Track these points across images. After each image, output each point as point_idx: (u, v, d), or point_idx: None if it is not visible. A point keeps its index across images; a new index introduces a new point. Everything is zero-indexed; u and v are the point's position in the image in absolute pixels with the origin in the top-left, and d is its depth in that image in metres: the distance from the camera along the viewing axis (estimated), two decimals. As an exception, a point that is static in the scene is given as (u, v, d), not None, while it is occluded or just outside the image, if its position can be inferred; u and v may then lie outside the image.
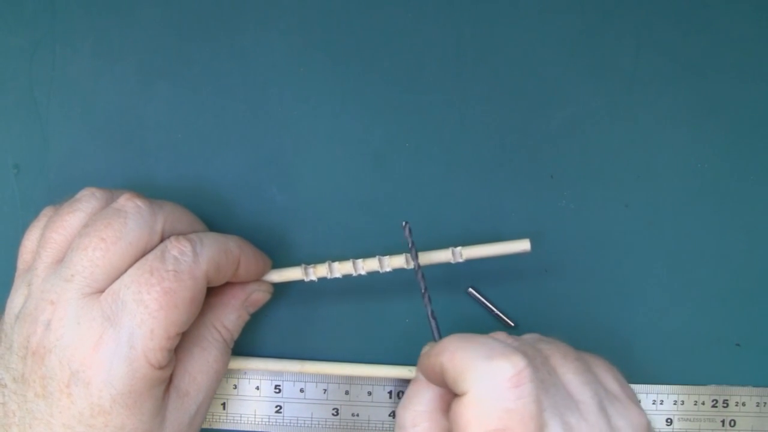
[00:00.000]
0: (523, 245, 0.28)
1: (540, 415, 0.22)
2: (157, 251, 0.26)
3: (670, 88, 0.33)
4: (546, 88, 0.33)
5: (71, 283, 0.25)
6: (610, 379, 0.26)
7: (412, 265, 0.29)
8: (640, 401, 0.28)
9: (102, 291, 0.25)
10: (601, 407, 0.24)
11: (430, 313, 0.27)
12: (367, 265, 0.29)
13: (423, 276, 0.28)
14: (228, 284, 0.29)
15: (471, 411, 0.22)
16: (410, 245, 0.28)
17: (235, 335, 0.30)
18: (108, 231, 0.25)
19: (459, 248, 0.29)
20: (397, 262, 0.29)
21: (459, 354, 0.23)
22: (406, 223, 0.28)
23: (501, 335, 0.26)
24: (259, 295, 0.30)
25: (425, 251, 0.29)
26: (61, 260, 0.26)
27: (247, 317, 0.30)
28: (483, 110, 0.33)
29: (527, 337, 0.27)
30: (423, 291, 0.28)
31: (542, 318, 0.33)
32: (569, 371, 0.25)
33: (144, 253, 0.26)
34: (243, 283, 0.30)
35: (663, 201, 0.33)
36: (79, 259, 0.25)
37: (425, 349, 0.26)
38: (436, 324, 0.27)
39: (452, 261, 0.29)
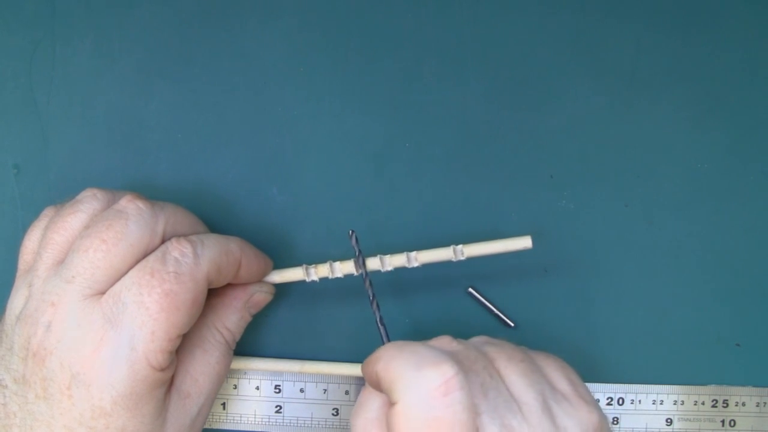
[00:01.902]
0: (524, 242, 0.28)
1: (471, 422, 0.22)
2: (158, 253, 0.26)
3: (670, 88, 0.33)
4: (546, 88, 0.33)
5: (72, 285, 0.25)
6: (559, 378, 0.26)
7: (413, 265, 0.29)
8: (597, 400, 0.28)
9: (103, 292, 0.25)
10: (545, 407, 0.24)
11: (378, 319, 0.28)
12: (368, 265, 0.29)
13: (371, 283, 0.28)
14: (229, 285, 0.29)
15: (402, 420, 0.22)
16: (357, 253, 0.29)
17: (237, 336, 0.30)
18: (109, 232, 0.25)
19: (460, 246, 0.29)
20: (397, 261, 0.29)
21: (392, 363, 0.23)
22: (353, 232, 0.29)
23: (444, 340, 0.26)
24: (260, 296, 0.30)
25: (426, 249, 0.29)
26: (62, 261, 0.26)
27: (249, 318, 0.30)
28: (483, 110, 0.33)
29: (475, 340, 0.27)
30: (371, 298, 0.28)
31: (542, 318, 0.33)
32: (513, 373, 0.25)
33: (145, 255, 0.26)
34: (244, 284, 0.30)
35: (663, 201, 0.33)
36: (80, 261, 0.25)
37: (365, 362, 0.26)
38: (385, 330, 0.28)
39: (453, 259, 0.29)
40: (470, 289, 0.33)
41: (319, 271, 0.30)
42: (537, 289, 0.33)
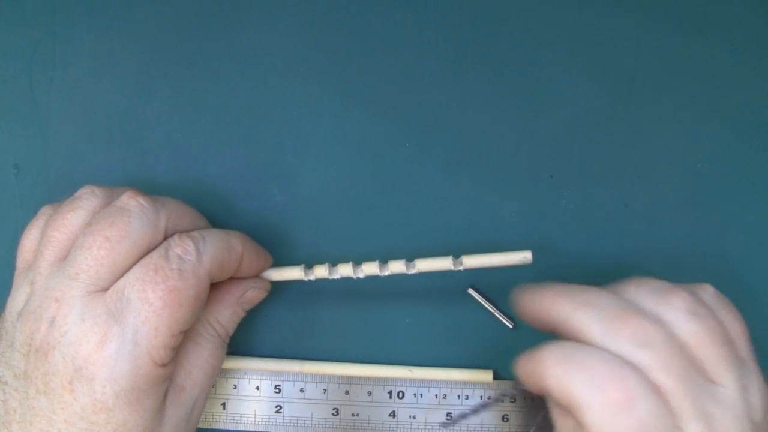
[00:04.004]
0: (524, 257, 0.28)
1: (664, 421, 0.22)
2: (161, 249, 0.26)
3: (670, 88, 0.33)
4: (546, 88, 0.33)
5: (76, 282, 0.25)
6: (743, 344, 0.25)
7: (412, 272, 0.29)
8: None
9: (106, 289, 0.25)
10: (742, 387, 0.23)
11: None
12: (366, 269, 0.29)
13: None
14: (225, 280, 0.29)
15: None
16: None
17: (230, 331, 0.30)
18: (112, 230, 0.25)
19: (460, 257, 0.29)
20: (396, 267, 0.29)
21: (567, 383, 0.23)
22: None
23: (637, 324, 0.23)
24: (254, 293, 0.30)
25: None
26: (63, 258, 0.26)
27: (242, 314, 0.30)
28: (483, 110, 0.33)
29: (678, 304, 0.24)
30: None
31: (542, 318, 0.33)
32: (716, 360, 0.23)
33: (148, 251, 0.26)
34: (240, 279, 0.30)
35: (663, 201, 0.33)
36: (84, 258, 0.25)
37: (522, 363, 0.25)
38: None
39: (452, 268, 0.29)
40: (470, 289, 0.33)
41: (317, 272, 0.30)
42: (537, 289, 0.33)
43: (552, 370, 0.23)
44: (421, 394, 0.33)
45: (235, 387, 0.33)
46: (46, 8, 0.34)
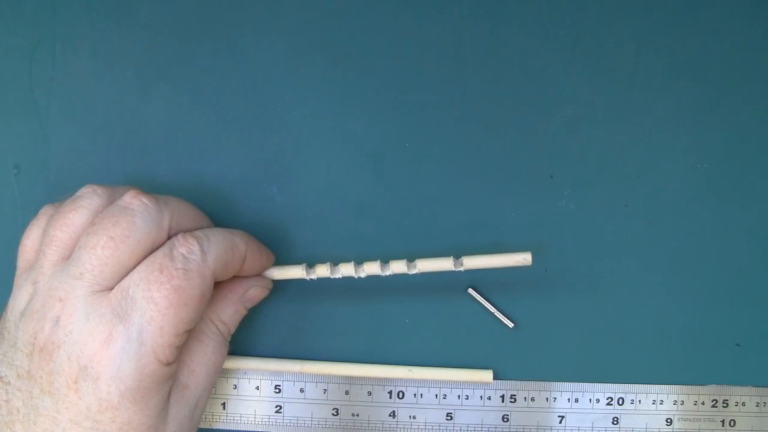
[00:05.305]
0: (524, 258, 0.28)
1: None
2: (165, 249, 0.26)
3: (670, 88, 0.33)
4: (546, 88, 0.33)
5: (80, 281, 0.25)
6: None
7: (413, 272, 0.29)
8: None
9: (110, 288, 0.25)
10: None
11: None
12: (368, 269, 0.29)
13: None
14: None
15: None
16: None
17: (232, 329, 0.30)
18: (116, 229, 0.25)
19: (461, 258, 0.29)
20: (397, 267, 0.29)
21: None
22: None
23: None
24: (257, 291, 0.30)
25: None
26: (66, 258, 0.26)
27: (244, 312, 0.31)
28: (483, 110, 0.33)
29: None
30: None
31: (542, 318, 0.33)
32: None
33: (152, 250, 0.26)
34: (242, 277, 0.30)
35: (663, 201, 0.33)
36: (88, 258, 0.25)
37: None
38: None
39: (453, 269, 0.29)
40: (470, 289, 0.33)
41: (318, 271, 0.30)
42: (537, 289, 0.33)
43: None
44: (421, 394, 0.33)
45: (235, 387, 0.33)
46: (46, 8, 0.34)
